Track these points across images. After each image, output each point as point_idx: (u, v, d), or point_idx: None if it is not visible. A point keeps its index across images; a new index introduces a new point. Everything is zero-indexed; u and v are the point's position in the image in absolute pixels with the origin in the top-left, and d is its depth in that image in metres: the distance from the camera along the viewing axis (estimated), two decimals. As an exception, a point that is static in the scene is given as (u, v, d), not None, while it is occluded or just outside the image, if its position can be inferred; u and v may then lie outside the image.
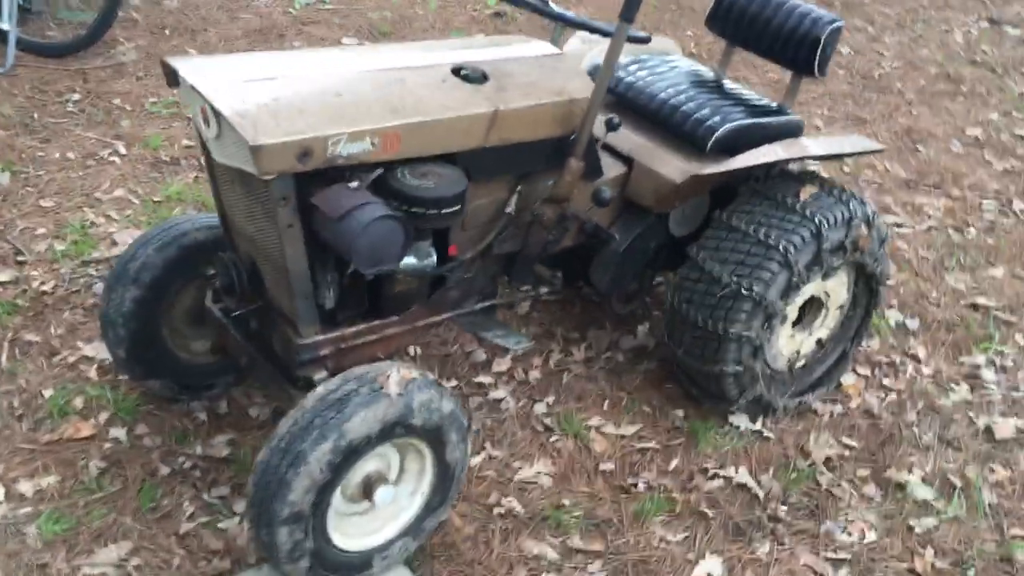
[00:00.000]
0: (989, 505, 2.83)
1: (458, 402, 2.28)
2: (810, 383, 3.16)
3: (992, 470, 2.96)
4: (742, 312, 2.75)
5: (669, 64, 3.21)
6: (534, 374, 3.16)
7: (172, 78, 2.26)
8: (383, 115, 2.17)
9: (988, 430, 3.14)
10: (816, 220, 2.76)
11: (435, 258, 2.38)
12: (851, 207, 2.85)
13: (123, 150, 4.22)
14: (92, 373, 2.99)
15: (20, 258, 3.45)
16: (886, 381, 3.33)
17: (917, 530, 2.73)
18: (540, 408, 3.04)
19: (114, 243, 3.60)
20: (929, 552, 2.65)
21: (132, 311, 2.64)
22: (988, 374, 3.41)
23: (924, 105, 5.66)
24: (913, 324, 3.63)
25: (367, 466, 2.20)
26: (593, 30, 2.45)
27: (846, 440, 3.04)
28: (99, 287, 3.35)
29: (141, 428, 2.80)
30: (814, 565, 2.58)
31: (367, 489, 2.21)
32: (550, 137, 2.50)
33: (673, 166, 2.81)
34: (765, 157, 2.77)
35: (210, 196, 3.88)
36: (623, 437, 2.96)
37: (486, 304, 2.67)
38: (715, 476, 2.84)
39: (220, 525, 2.53)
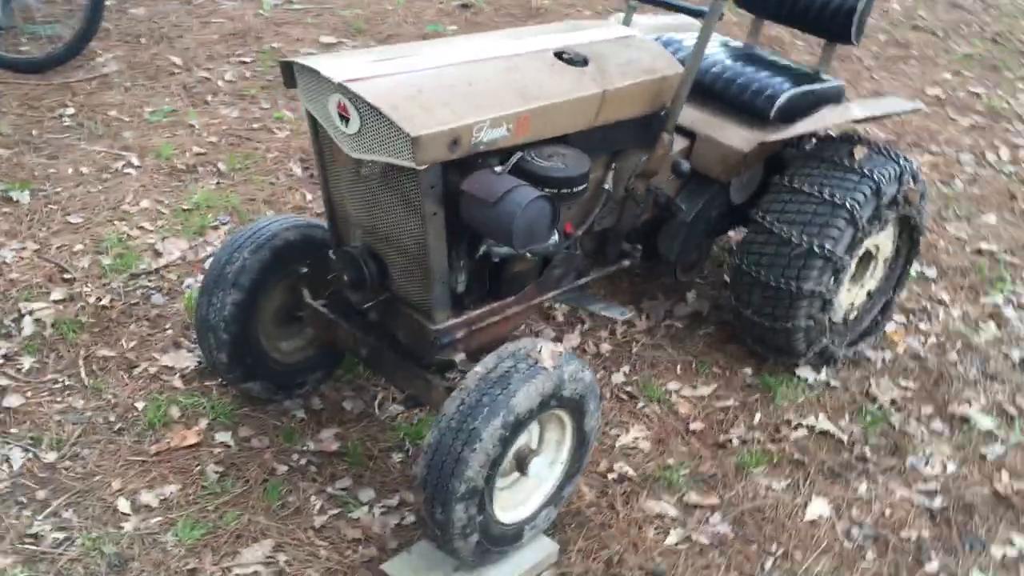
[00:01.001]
0: (1045, 429, 3.08)
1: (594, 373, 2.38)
2: (861, 332, 3.35)
3: (1038, 397, 3.22)
4: (814, 269, 2.92)
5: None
6: (605, 347, 3.28)
7: (290, 78, 2.30)
8: (514, 101, 2.24)
9: (1023, 362, 3.39)
10: (875, 177, 2.94)
11: (557, 236, 2.47)
12: (901, 163, 3.04)
13: (136, 161, 4.16)
14: (177, 382, 2.98)
15: (66, 276, 3.40)
16: (922, 326, 3.56)
17: (989, 457, 2.95)
18: (618, 378, 3.15)
19: (157, 253, 3.57)
20: (1004, 475, 2.87)
21: (233, 314, 2.66)
22: (1009, 312, 3.67)
23: (883, 70, 5.96)
24: (931, 272, 3.87)
25: (520, 439, 2.28)
26: (683, 10, 2.57)
27: (903, 382, 3.25)
28: (157, 298, 3.33)
29: (244, 431, 2.81)
30: (911, 498, 2.77)
31: (520, 462, 2.30)
32: (643, 114, 2.61)
33: (739, 136, 2.96)
34: (825, 122, 2.94)
35: (239, 201, 3.89)
36: (702, 398, 3.11)
37: (584, 280, 2.77)
38: (798, 426, 3.00)
39: (352, 515, 2.57)
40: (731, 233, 3.76)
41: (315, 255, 2.76)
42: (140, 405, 2.87)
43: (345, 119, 2.17)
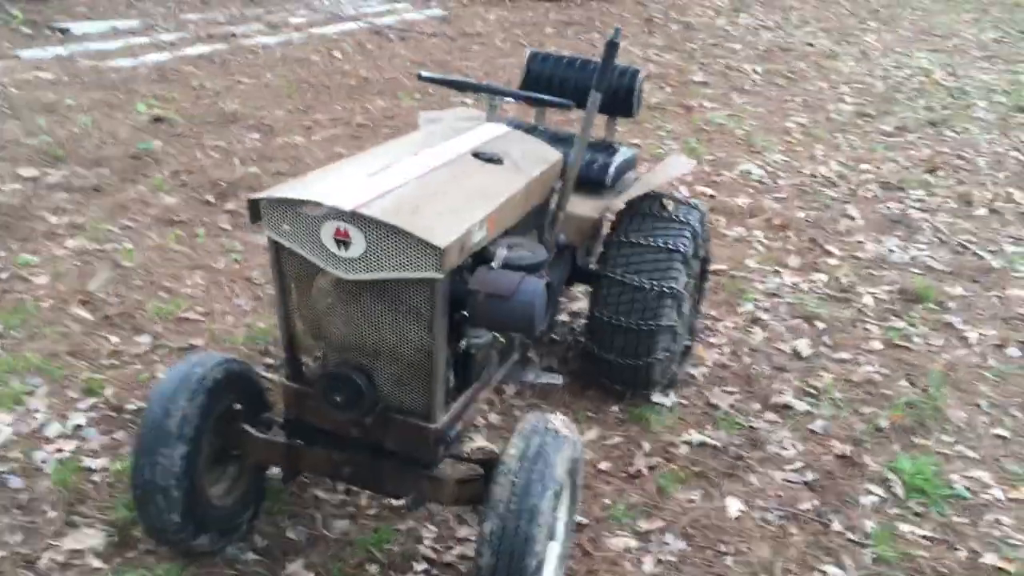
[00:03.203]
0: (841, 399, 3.83)
1: (574, 431, 2.62)
2: (681, 356, 3.91)
3: (820, 376, 3.98)
4: (665, 307, 3.40)
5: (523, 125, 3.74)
6: (493, 418, 3.49)
7: (256, 213, 2.30)
8: (483, 203, 2.44)
9: (796, 352, 4.17)
10: (691, 223, 3.51)
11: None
12: (699, 208, 3.65)
13: None
14: (96, 562, 2.70)
15: None
16: (712, 340, 4.22)
17: (817, 431, 3.62)
18: (517, 442, 3.38)
19: (-11, 432, 3.15)
20: (836, 442, 3.55)
21: (184, 469, 2.52)
22: (763, 316, 4.47)
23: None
24: (693, 295, 4.57)
25: (553, 507, 2.45)
26: (550, 104, 2.93)
27: (728, 388, 3.85)
28: (15, 481, 2.97)
29: (207, 590, 2.64)
30: (788, 477, 3.33)
31: (550, 528, 2.47)
32: (544, 199, 2.92)
33: (588, 205, 3.37)
34: (651, 184, 3.46)
35: (40, 360, 3.54)
36: (593, 441, 3.44)
37: (517, 357, 2.99)
38: (681, 444, 3.45)
39: (370, 634, 2.55)
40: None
41: (242, 390, 2.70)
42: (72, 598, 2.57)
43: (344, 243, 2.22)
